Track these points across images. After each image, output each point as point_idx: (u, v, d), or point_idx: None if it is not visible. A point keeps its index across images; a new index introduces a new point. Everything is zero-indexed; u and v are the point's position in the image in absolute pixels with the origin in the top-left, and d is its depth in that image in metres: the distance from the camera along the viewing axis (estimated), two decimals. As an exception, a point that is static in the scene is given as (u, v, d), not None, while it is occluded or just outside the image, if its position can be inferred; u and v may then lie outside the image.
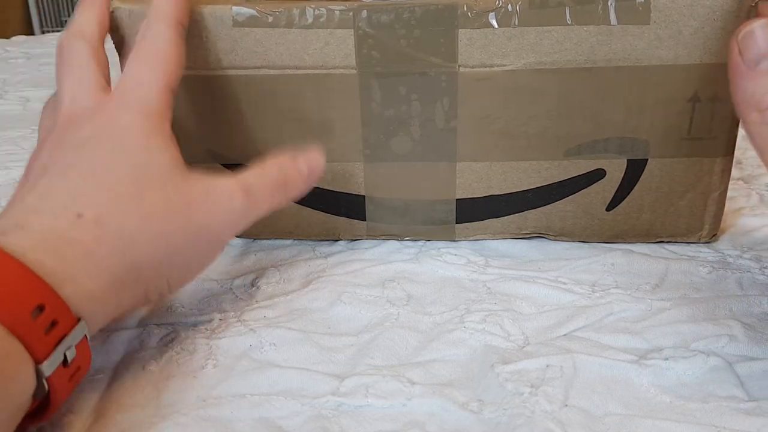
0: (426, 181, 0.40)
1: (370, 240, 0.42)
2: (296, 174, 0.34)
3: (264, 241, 0.42)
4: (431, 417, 0.28)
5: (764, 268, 0.38)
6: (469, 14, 0.36)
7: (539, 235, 0.41)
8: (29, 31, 2.69)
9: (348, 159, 0.39)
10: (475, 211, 0.40)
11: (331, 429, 0.27)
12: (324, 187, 0.40)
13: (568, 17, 0.35)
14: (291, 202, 0.35)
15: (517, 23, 0.36)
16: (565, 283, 0.37)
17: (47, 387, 0.25)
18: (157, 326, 0.34)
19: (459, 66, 0.37)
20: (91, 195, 0.28)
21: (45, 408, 0.26)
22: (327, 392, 0.29)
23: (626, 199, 0.39)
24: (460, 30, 0.36)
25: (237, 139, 0.39)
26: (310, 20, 0.36)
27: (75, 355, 0.25)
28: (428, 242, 0.42)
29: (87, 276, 0.26)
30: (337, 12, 0.36)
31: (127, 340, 0.33)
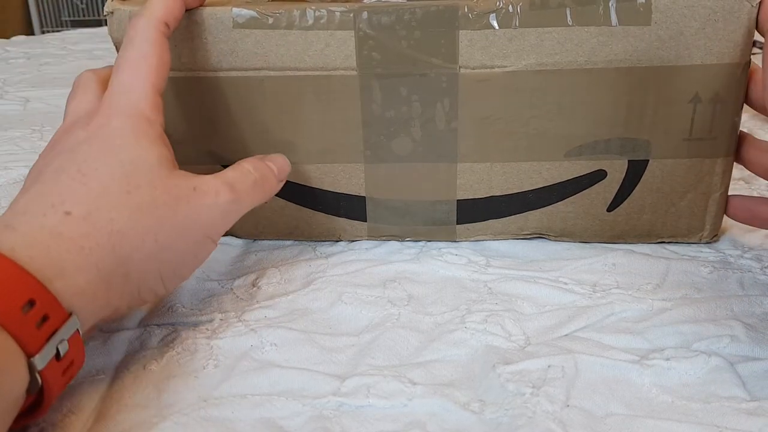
0: (427, 182, 0.40)
1: (371, 240, 0.42)
2: (269, 172, 0.36)
3: (265, 242, 0.42)
4: (432, 417, 0.28)
5: (765, 268, 0.38)
6: (470, 15, 0.36)
7: (540, 236, 0.41)
8: (29, 31, 2.70)
9: (349, 160, 0.39)
10: (476, 212, 0.40)
11: (332, 429, 0.27)
12: (325, 188, 0.40)
13: (569, 18, 0.35)
14: (269, 201, 0.36)
15: (518, 24, 0.36)
16: (567, 284, 0.37)
17: (40, 381, 0.25)
18: (158, 326, 0.34)
19: (460, 67, 0.37)
20: (80, 193, 0.28)
21: (40, 404, 0.26)
22: (328, 392, 0.29)
23: (627, 200, 0.39)
24: (461, 31, 0.36)
25: (237, 141, 0.39)
26: (311, 22, 0.36)
27: (68, 349, 0.26)
28: (429, 242, 0.42)
29: (77, 271, 0.27)
30: (338, 13, 0.36)
31: (128, 341, 0.33)
